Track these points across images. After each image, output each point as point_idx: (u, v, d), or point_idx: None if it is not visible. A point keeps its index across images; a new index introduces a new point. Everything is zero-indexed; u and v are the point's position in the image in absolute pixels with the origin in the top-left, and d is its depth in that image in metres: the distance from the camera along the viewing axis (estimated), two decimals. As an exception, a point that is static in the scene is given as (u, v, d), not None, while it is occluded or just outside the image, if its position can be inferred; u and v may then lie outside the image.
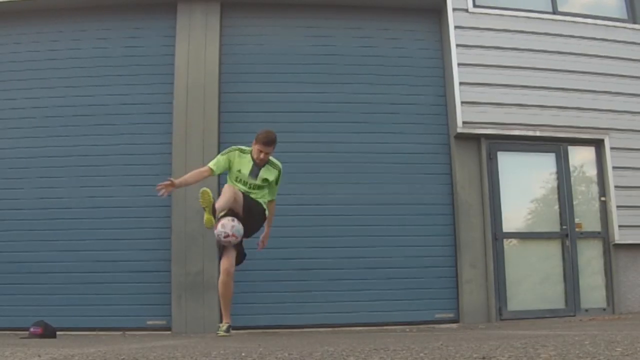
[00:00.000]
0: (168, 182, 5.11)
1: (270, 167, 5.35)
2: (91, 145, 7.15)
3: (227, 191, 5.07)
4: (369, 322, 6.94)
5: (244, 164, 5.27)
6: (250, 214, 5.21)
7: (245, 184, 5.29)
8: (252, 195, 5.28)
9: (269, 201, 5.49)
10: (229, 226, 4.96)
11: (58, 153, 7.15)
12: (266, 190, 5.39)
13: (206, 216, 4.98)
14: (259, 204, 5.33)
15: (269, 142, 5.20)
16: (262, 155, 5.22)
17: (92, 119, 7.23)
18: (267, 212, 5.44)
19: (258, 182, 5.29)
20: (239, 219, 5.06)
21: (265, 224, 5.60)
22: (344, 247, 7.15)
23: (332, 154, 7.35)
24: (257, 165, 5.28)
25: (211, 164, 5.29)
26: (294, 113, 7.43)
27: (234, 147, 5.39)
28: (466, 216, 7.26)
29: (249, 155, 5.29)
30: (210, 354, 2.76)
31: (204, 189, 4.97)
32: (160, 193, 5.09)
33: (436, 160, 7.51)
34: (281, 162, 5.43)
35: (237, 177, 5.30)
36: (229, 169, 5.32)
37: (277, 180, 5.42)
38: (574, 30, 7.81)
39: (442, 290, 7.22)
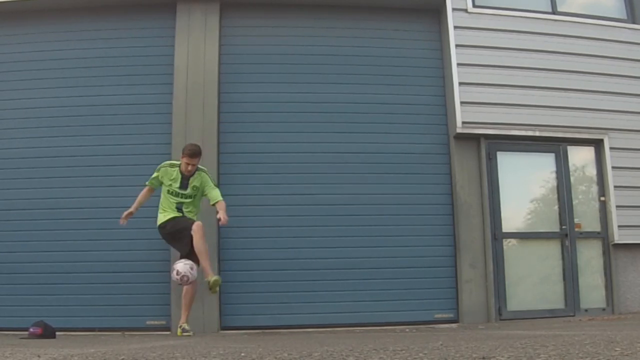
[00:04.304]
0: (127, 213, 6.03)
1: (196, 178, 6.06)
2: (90, 146, 7.14)
3: (201, 229, 5.90)
4: (368, 322, 6.94)
5: (174, 177, 6.00)
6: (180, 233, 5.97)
7: (177, 195, 6.02)
8: (185, 207, 6.05)
9: (217, 202, 6.08)
10: (181, 271, 5.76)
11: (57, 153, 7.14)
12: (197, 200, 6.15)
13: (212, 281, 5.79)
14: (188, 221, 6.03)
15: (193, 154, 5.94)
16: (189, 167, 5.95)
17: (91, 119, 7.22)
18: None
19: (189, 191, 6.04)
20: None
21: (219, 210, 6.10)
22: (343, 247, 7.14)
23: (331, 154, 7.34)
24: (186, 177, 6.01)
25: (148, 182, 6.12)
26: (293, 113, 7.43)
27: (164, 162, 6.15)
28: (466, 216, 7.27)
29: (178, 168, 6.02)
30: (209, 354, 2.76)
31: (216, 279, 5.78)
32: (122, 223, 6.05)
33: (435, 160, 7.51)
34: (206, 167, 6.24)
35: (169, 190, 6.03)
36: (162, 183, 6.06)
37: (207, 182, 6.10)
38: (573, 30, 7.81)
39: (441, 291, 7.22)
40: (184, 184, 6.03)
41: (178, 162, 6.08)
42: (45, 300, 6.79)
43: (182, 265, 5.77)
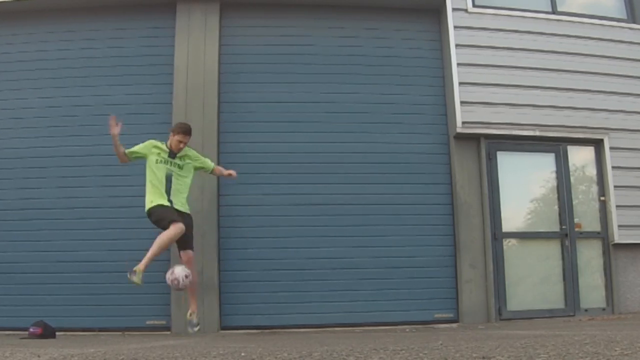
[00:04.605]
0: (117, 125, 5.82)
1: (183, 151, 6.03)
2: (90, 146, 7.14)
3: (176, 228, 5.68)
4: (368, 322, 6.94)
5: (162, 151, 5.94)
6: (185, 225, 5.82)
7: (167, 162, 5.92)
8: (175, 178, 5.91)
9: (215, 168, 6.29)
10: (176, 274, 5.70)
11: (57, 153, 7.14)
12: (186, 176, 6.03)
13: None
14: (185, 213, 5.97)
15: (188, 131, 5.97)
16: (181, 145, 5.95)
17: (90, 119, 7.21)
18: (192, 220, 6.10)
19: (177, 160, 5.97)
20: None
21: (226, 172, 6.35)
22: (342, 247, 7.15)
23: (330, 154, 7.35)
24: (173, 152, 5.96)
25: (127, 150, 5.91)
26: (292, 113, 7.43)
27: (149, 140, 6.02)
28: (466, 216, 7.27)
29: (165, 145, 5.97)
30: (209, 354, 2.77)
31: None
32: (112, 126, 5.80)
33: (435, 160, 7.51)
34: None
35: (157, 160, 5.89)
36: (146, 156, 5.92)
37: (197, 155, 6.17)
38: (572, 30, 7.81)
39: (441, 290, 7.22)
40: (172, 155, 5.98)
41: (163, 143, 6.03)
42: (45, 300, 6.79)
43: (180, 270, 5.71)
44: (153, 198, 5.87)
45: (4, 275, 6.91)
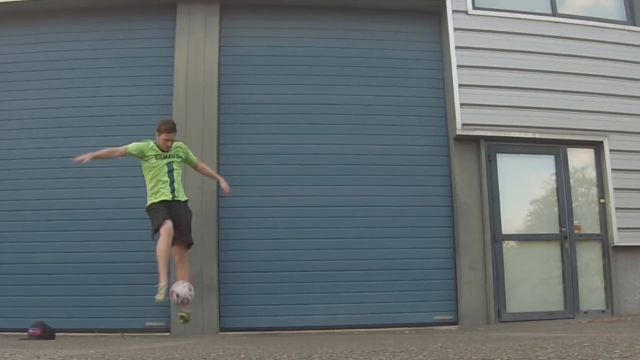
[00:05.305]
0: (82, 159, 5.81)
1: (174, 146, 6.12)
2: (90, 147, 7.04)
3: (163, 233, 5.78)
4: (368, 323, 6.93)
5: (153, 147, 6.03)
6: (179, 215, 5.98)
7: (161, 157, 6.02)
8: (175, 166, 6.06)
9: (195, 166, 6.39)
10: (182, 295, 5.72)
11: (56, 154, 7.12)
12: (180, 166, 6.16)
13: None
14: (183, 202, 6.12)
15: (172, 128, 6.03)
16: (168, 143, 6.03)
17: (90, 120, 7.21)
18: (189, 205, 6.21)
19: (172, 152, 6.08)
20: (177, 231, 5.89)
21: (216, 176, 6.55)
22: (343, 249, 7.14)
23: (331, 156, 7.35)
24: (164, 150, 6.05)
25: (127, 145, 5.99)
26: (292, 114, 7.43)
27: (146, 141, 6.09)
28: (465, 218, 7.26)
29: (155, 145, 6.04)
30: (209, 355, 2.77)
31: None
32: (75, 160, 5.82)
33: (435, 162, 7.51)
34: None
35: (156, 156, 6.01)
36: (142, 156, 6.01)
37: (187, 150, 6.28)
38: (573, 32, 7.81)
39: (441, 292, 7.22)
40: (164, 151, 6.06)
41: (152, 142, 6.08)
42: (45, 301, 6.79)
43: (181, 289, 5.72)
44: (149, 197, 6.05)
45: (4, 277, 6.90)
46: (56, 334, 6.05)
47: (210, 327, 6.71)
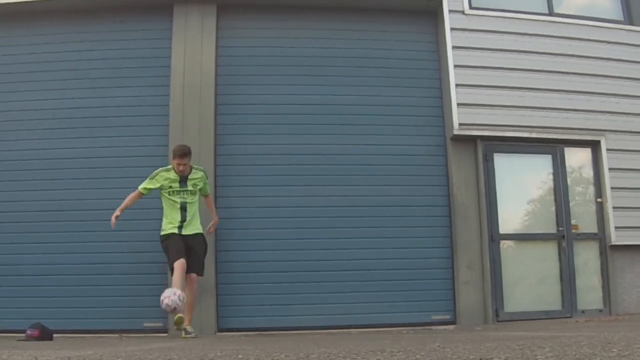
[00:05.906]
0: (115, 217, 5.96)
1: (194, 173, 6.14)
2: (87, 148, 7.13)
3: (177, 268, 5.82)
4: (365, 323, 6.93)
5: (172, 179, 6.05)
6: (190, 249, 6.03)
7: (178, 193, 6.06)
8: (189, 205, 6.07)
9: (205, 197, 6.38)
10: (172, 304, 5.60)
11: (55, 155, 7.12)
12: (197, 197, 6.18)
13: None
14: (197, 235, 6.15)
15: (182, 154, 6.00)
16: (181, 168, 6.02)
17: (88, 121, 7.21)
18: (205, 239, 6.27)
19: (189, 187, 6.10)
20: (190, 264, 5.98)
21: (213, 215, 6.52)
22: (340, 249, 7.14)
23: (327, 156, 7.34)
24: (182, 177, 6.06)
25: (140, 188, 6.09)
26: (289, 115, 7.43)
27: (158, 169, 6.13)
28: (463, 218, 7.27)
29: (173, 170, 6.07)
30: (206, 356, 2.76)
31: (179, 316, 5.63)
32: (113, 226, 5.97)
33: (432, 162, 7.51)
34: (204, 167, 6.39)
35: (170, 192, 6.05)
36: (159, 188, 6.06)
37: (205, 180, 6.28)
38: (570, 32, 7.82)
39: (438, 292, 7.22)
40: (182, 183, 6.07)
41: (170, 167, 6.13)
42: (43, 303, 6.77)
43: (172, 299, 5.65)
44: (165, 226, 6.10)
45: (1, 278, 6.88)
46: (54, 335, 6.03)
47: (208, 328, 6.71)
